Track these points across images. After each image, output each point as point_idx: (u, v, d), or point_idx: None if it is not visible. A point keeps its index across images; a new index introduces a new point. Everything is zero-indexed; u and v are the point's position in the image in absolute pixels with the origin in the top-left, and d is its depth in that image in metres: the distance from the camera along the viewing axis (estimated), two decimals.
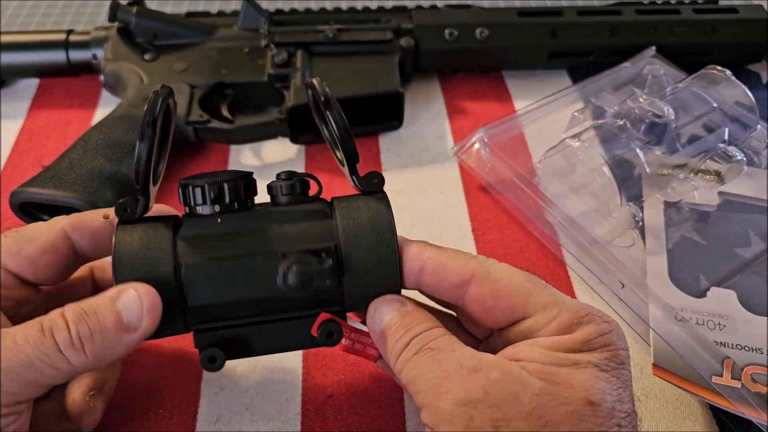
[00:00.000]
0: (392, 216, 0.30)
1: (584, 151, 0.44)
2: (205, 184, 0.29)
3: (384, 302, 0.30)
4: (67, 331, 0.27)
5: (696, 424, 0.35)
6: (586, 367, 0.26)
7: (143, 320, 0.28)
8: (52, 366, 0.26)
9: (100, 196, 0.43)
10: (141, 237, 0.29)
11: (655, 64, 0.53)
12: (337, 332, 0.30)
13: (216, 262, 0.29)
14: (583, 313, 0.28)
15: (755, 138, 0.47)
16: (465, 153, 0.49)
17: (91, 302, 0.28)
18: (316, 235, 0.29)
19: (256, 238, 0.29)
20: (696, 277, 0.40)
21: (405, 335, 0.28)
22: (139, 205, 0.29)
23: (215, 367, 0.29)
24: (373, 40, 0.54)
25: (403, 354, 0.28)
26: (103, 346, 0.27)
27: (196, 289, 0.29)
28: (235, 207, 0.30)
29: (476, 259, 0.30)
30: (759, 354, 0.36)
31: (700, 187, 0.44)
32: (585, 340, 0.27)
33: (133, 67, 0.53)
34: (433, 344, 0.28)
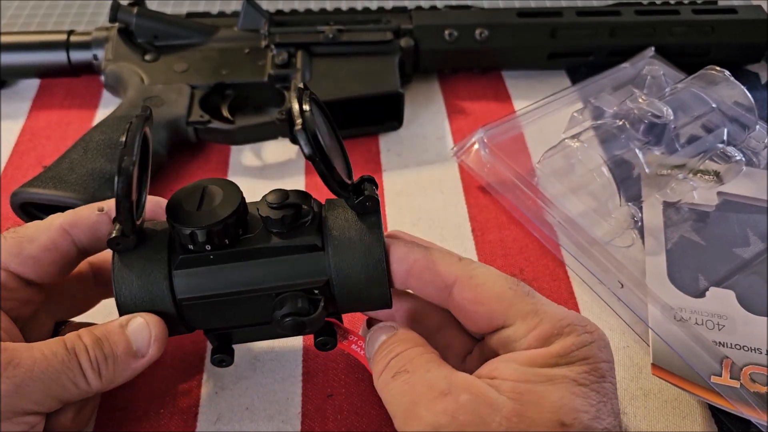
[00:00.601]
0: (383, 249, 0.30)
1: (583, 152, 0.44)
2: (194, 231, 0.29)
3: (376, 331, 0.30)
4: (86, 354, 0.28)
5: (695, 424, 0.35)
6: (561, 383, 0.25)
7: (151, 348, 0.30)
8: (74, 383, 0.28)
9: (101, 196, 0.43)
10: (139, 275, 0.30)
11: (654, 64, 0.53)
12: (332, 343, 0.32)
13: (212, 298, 0.30)
14: (564, 323, 0.27)
15: (754, 138, 0.48)
16: (465, 153, 0.50)
17: (104, 329, 0.29)
18: (308, 270, 0.30)
19: (249, 273, 0.30)
20: (695, 277, 0.40)
21: (384, 357, 0.29)
22: (131, 240, 0.30)
23: (223, 366, 0.33)
24: (373, 41, 0.54)
25: (382, 377, 0.28)
26: (115, 370, 0.29)
27: (196, 319, 0.31)
28: (226, 243, 0.30)
29: (461, 263, 0.30)
30: (758, 354, 0.36)
31: (699, 188, 0.44)
32: (563, 353, 0.26)
33: (134, 68, 0.53)
34: (408, 366, 0.28)
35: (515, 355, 0.27)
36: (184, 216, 0.29)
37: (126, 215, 0.28)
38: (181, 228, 0.29)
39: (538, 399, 0.25)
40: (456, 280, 0.29)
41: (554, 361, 0.26)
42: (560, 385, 0.25)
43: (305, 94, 0.28)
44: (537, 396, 0.25)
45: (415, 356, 0.28)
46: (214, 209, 0.29)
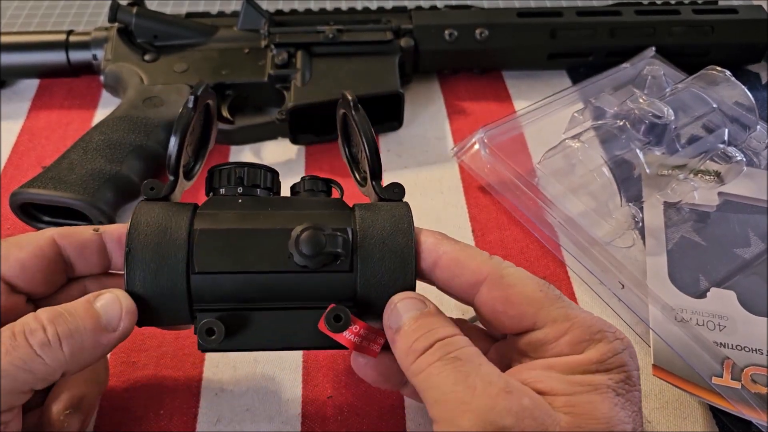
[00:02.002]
0: (411, 214, 0.30)
1: (584, 152, 0.44)
2: (233, 167, 0.30)
3: (406, 299, 0.28)
4: (42, 332, 0.26)
5: (696, 424, 0.35)
6: (605, 393, 0.25)
7: (122, 321, 0.28)
8: (28, 370, 0.26)
9: (100, 196, 0.43)
10: (162, 207, 0.29)
11: (655, 64, 0.53)
12: (345, 316, 0.28)
13: (229, 231, 0.29)
14: (595, 329, 0.27)
15: (755, 138, 0.48)
16: (465, 153, 0.49)
17: (68, 304, 0.28)
18: (333, 219, 0.29)
19: (273, 217, 0.29)
20: (696, 277, 0.40)
21: (426, 336, 0.27)
22: (167, 184, 0.30)
23: (212, 341, 0.28)
24: (373, 41, 0.54)
25: (424, 357, 0.26)
26: (82, 345, 0.27)
27: (205, 256, 0.28)
28: (257, 192, 0.30)
29: (492, 261, 0.29)
30: (759, 355, 0.36)
31: (700, 188, 0.44)
32: (599, 360, 0.26)
33: (134, 68, 0.53)
34: (458, 353, 0.26)
35: (552, 363, 0.27)
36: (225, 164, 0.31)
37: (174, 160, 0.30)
38: (221, 167, 0.30)
39: (590, 411, 0.25)
40: (486, 277, 0.28)
41: (594, 368, 0.26)
42: (604, 395, 0.25)
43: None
44: (589, 408, 0.25)
45: (464, 345, 0.27)
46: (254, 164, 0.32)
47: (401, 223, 0.29)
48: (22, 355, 0.26)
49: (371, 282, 0.29)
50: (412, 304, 0.28)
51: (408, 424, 0.35)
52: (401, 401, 0.36)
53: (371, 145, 0.30)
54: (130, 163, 0.46)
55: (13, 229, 0.46)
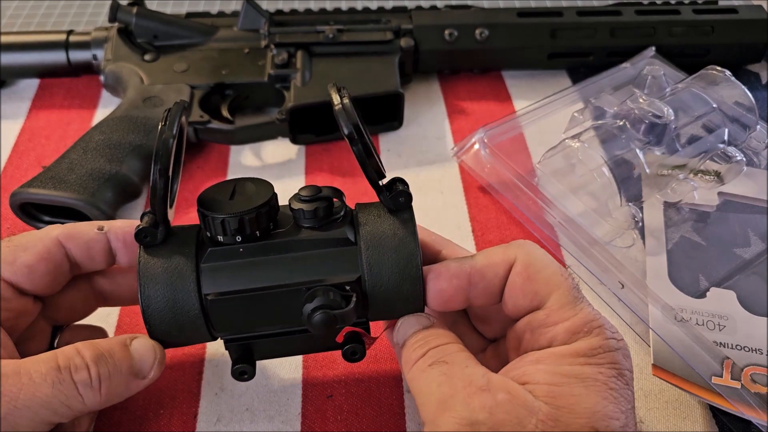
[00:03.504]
0: (417, 245, 0.29)
1: (584, 152, 0.44)
2: (225, 218, 0.28)
3: (411, 317, 0.30)
4: (86, 371, 0.27)
5: (696, 424, 0.35)
6: (593, 385, 0.25)
7: (153, 370, 0.29)
8: (67, 406, 0.26)
9: (100, 196, 0.43)
10: (164, 269, 0.29)
11: (655, 64, 0.53)
12: (360, 352, 0.31)
13: (240, 294, 0.29)
14: (595, 324, 0.27)
15: (755, 138, 0.48)
16: (465, 153, 0.49)
17: (106, 344, 0.28)
18: (340, 266, 0.29)
19: (279, 268, 0.29)
20: (696, 277, 0.40)
21: (422, 346, 0.28)
22: (159, 232, 0.29)
23: (245, 379, 0.32)
24: (373, 41, 0.54)
25: (417, 364, 0.28)
26: (117, 389, 0.28)
27: (221, 318, 0.29)
28: (257, 235, 0.29)
29: (512, 246, 0.30)
30: (759, 354, 0.36)
31: (700, 188, 0.44)
32: (587, 352, 0.26)
33: (134, 68, 0.53)
34: (447, 358, 0.27)
35: (542, 356, 0.27)
36: (216, 205, 0.29)
37: (160, 202, 0.28)
38: (213, 216, 0.28)
39: (572, 403, 0.25)
40: (516, 258, 0.29)
41: (582, 360, 0.26)
42: (592, 387, 0.25)
43: (343, 88, 0.29)
44: (571, 400, 0.25)
45: (455, 351, 0.28)
46: (247, 199, 0.29)
47: (409, 268, 0.29)
48: (65, 391, 0.26)
49: (381, 314, 0.31)
50: (417, 320, 0.30)
51: (408, 424, 0.35)
52: (401, 401, 0.36)
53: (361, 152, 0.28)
54: (129, 163, 0.46)
55: (13, 229, 0.46)
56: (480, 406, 0.25)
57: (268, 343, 0.32)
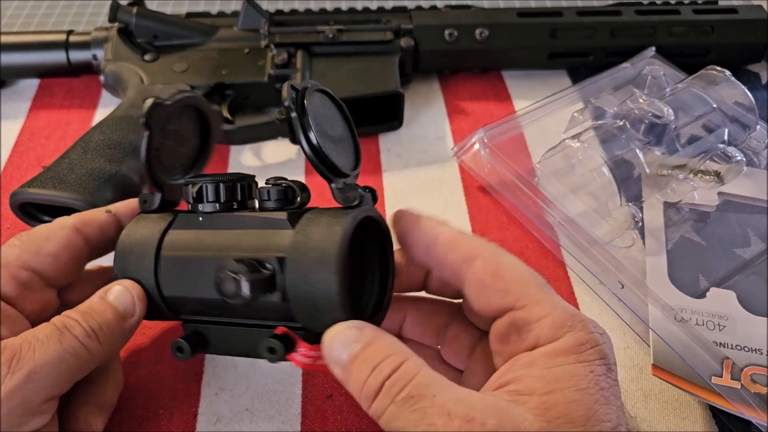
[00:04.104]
0: (346, 234, 0.27)
1: (584, 152, 0.44)
2: (190, 183, 0.31)
3: (338, 335, 0.27)
4: (80, 326, 0.29)
5: (695, 424, 0.35)
6: (585, 389, 0.25)
7: (136, 307, 0.31)
8: (76, 356, 0.29)
9: (100, 196, 0.43)
10: (142, 229, 0.32)
11: (655, 64, 0.53)
12: (280, 349, 0.28)
13: (176, 258, 0.31)
14: (578, 318, 0.27)
15: (755, 138, 0.48)
16: (465, 153, 0.49)
17: (85, 304, 0.31)
18: (269, 244, 0.29)
19: (218, 240, 0.30)
20: (695, 277, 0.40)
21: (374, 377, 0.25)
22: (155, 197, 0.33)
23: (182, 357, 0.32)
24: (373, 41, 0.54)
25: (377, 403, 0.25)
26: (111, 334, 0.30)
27: (165, 282, 0.31)
28: (217, 208, 0.31)
29: (490, 245, 0.29)
30: (758, 354, 0.36)
31: (700, 188, 0.44)
32: (577, 348, 0.26)
33: (134, 68, 0.53)
34: (411, 389, 0.24)
35: (534, 358, 0.26)
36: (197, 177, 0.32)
37: (148, 167, 0.31)
38: (185, 180, 0.32)
39: (566, 413, 0.24)
40: (481, 254, 0.29)
41: (573, 358, 0.26)
42: (585, 391, 0.25)
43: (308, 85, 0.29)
44: (566, 409, 0.24)
45: (413, 373, 0.25)
46: (225, 174, 0.32)
47: (326, 255, 0.27)
48: (72, 344, 0.29)
49: (304, 311, 0.28)
50: (347, 337, 0.26)
51: None
52: None
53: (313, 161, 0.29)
54: (129, 163, 0.46)
55: (13, 229, 0.46)
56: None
57: (218, 334, 0.32)
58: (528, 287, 0.28)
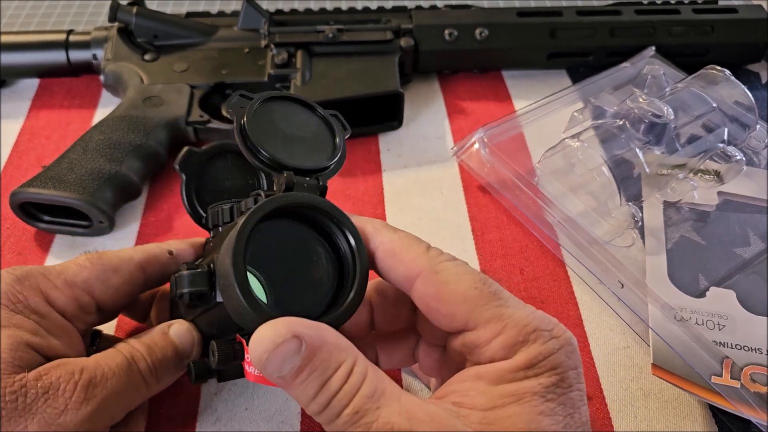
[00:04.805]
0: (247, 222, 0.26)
1: (583, 151, 0.44)
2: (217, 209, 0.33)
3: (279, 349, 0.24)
4: (144, 361, 0.30)
5: (695, 424, 0.35)
6: (528, 402, 0.24)
7: (194, 348, 0.32)
8: (138, 391, 0.30)
9: (100, 196, 0.43)
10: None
11: (655, 64, 0.53)
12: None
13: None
14: (530, 328, 0.25)
15: (754, 138, 0.48)
16: (465, 153, 0.49)
17: (149, 337, 0.31)
18: (212, 249, 0.31)
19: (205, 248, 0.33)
20: (695, 277, 0.40)
21: (322, 394, 0.24)
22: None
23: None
24: (373, 41, 0.54)
25: (324, 416, 0.24)
26: (169, 372, 0.31)
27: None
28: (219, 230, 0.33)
29: (428, 254, 0.27)
30: (758, 354, 0.36)
31: (700, 187, 0.44)
32: (528, 364, 0.25)
33: (134, 68, 0.53)
34: (355, 404, 0.24)
35: (483, 371, 0.25)
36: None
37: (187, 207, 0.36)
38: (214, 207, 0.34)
39: (506, 427, 0.24)
40: (420, 272, 0.27)
41: (522, 375, 0.25)
42: (527, 404, 0.24)
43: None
44: (506, 423, 0.24)
45: (357, 386, 0.24)
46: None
47: (229, 243, 0.26)
48: (135, 379, 0.29)
49: (232, 309, 0.26)
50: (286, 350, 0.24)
51: None
52: None
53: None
54: (129, 163, 0.46)
55: (13, 229, 0.46)
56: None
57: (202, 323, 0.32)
58: (475, 308, 0.26)
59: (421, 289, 0.27)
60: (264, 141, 0.29)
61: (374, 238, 0.28)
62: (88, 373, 0.27)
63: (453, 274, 0.26)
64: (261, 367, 0.24)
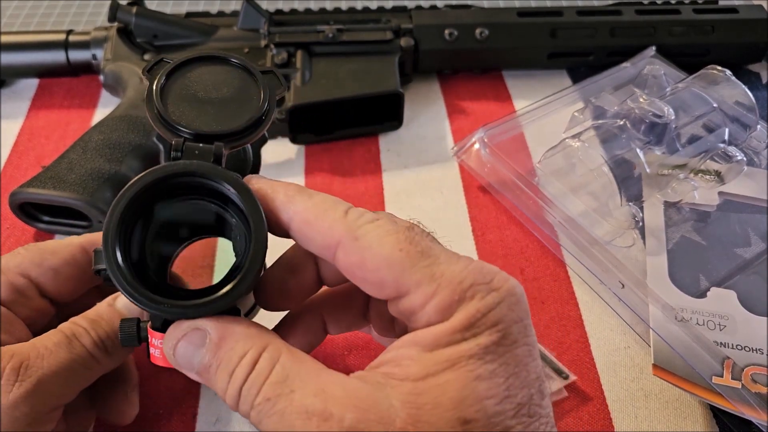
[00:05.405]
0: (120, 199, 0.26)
1: (584, 151, 0.44)
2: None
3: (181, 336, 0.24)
4: (88, 335, 0.29)
5: (696, 424, 0.35)
6: (464, 366, 0.22)
7: (145, 315, 0.29)
8: (85, 366, 0.29)
9: (100, 196, 0.43)
10: None
11: (655, 64, 0.53)
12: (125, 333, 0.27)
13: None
14: (465, 285, 0.23)
15: (755, 138, 0.47)
16: (465, 153, 0.49)
17: (94, 310, 0.30)
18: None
19: None
20: (696, 277, 0.40)
21: (231, 385, 0.23)
22: None
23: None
24: (373, 41, 0.54)
25: (241, 408, 0.23)
26: (117, 343, 0.29)
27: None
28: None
29: (347, 219, 0.25)
30: (759, 354, 0.36)
31: (700, 188, 0.44)
32: (467, 325, 0.22)
33: (133, 68, 0.53)
34: (266, 391, 0.23)
35: (419, 337, 0.23)
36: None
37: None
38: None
39: (437, 395, 0.22)
40: (340, 240, 0.24)
41: (459, 337, 0.22)
42: (462, 370, 0.22)
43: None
44: (437, 392, 0.22)
45: (265, 369, 0.23)
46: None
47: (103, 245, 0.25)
48: (80, 353, 0.28)
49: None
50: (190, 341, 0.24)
51: None
52: None
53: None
54: (129, 163, 0.46)
55: (12, 229, 0.46)
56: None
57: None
58: (402, 272, 0.23)
59: (343, 259, 0.25)
60: (175, 107, 0.27)
61: (287, 207, 0.26)
62: (20, 356, 0.27)
63: (375, 237, 0.24)
64: (174, 363, 0.25)
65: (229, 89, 0.29)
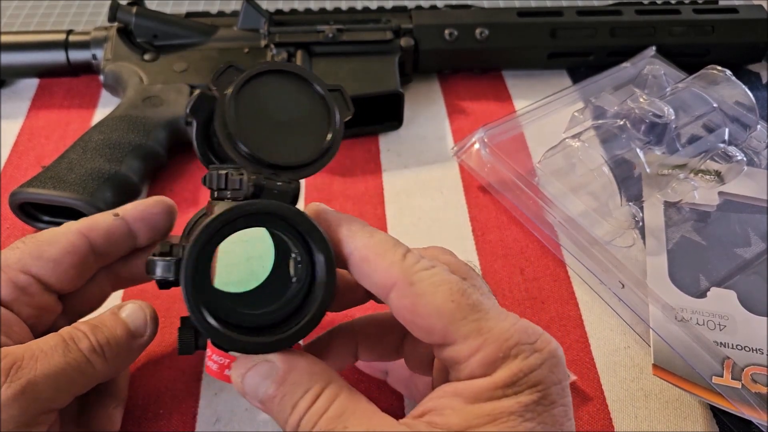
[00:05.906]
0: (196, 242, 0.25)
1: (584, 151, 0.44)
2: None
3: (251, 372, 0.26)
4: (87, 340, 0.28)
5: (696, 424, 0.35)
6: (505, 422, 0.23)
7: (148, 327, 0.30)
8: (80, 371, 0.28)
9: (100, 196, 0.43)
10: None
11: (655, 64, 0.53)
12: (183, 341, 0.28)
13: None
14: (511, 343, 0.24)
15: (755, 138, 0.48)
16: (465, 153, 0.49)
17: (98, 317, 0.30)
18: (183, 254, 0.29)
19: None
20: (696, 277, 0.40)
21: (293, 416, 0.25)
22: None
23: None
24: (373, 41, 0.54)
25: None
26: (119, 351, 0.29)
27: None
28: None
29: (404, 263, 0.26)
30: (759, 354, 0.36)
31: (700, 188, 0.44)
32: (509, 383, 0.24)
33: (133, 68, 0.53)
34: (323, 424, 0.24)
35: (461, 389, 0.24)
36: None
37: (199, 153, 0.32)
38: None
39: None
40: (395, 283, 0.25)
41: (500, 393, 0.23)
42: (503, 425, 0.23)
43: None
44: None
45: (326, 407, 0.25)
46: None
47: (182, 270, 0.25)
48: (76, 357, 0.28)
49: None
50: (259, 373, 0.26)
51: None
52: (401, 402, 0.36)
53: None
54: (129, 163, 0.46)
55: (12, 229, 0.46)
56: None
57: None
58: (452, 322, 0.24)
59: (396, 301, 0.26)
60: (247, 129, 0.27)
61: (348, 242, 0.27)
62: (12, 357, 0.26)
63: (428, 285, 0.25)
64: (239, 390, 0.26)
65: (297, 108, 0.29)
